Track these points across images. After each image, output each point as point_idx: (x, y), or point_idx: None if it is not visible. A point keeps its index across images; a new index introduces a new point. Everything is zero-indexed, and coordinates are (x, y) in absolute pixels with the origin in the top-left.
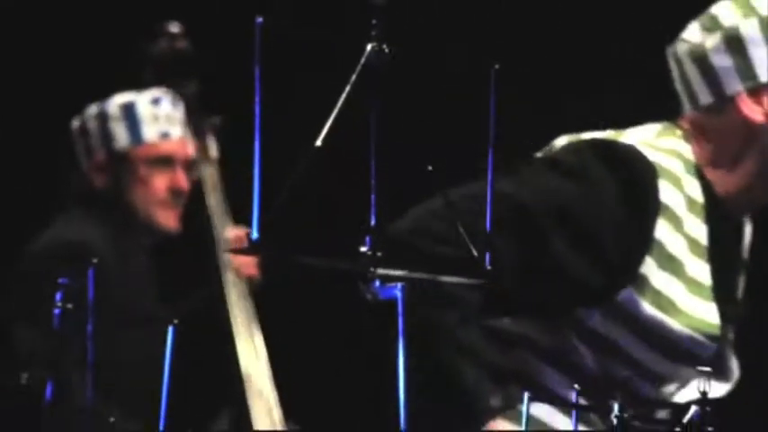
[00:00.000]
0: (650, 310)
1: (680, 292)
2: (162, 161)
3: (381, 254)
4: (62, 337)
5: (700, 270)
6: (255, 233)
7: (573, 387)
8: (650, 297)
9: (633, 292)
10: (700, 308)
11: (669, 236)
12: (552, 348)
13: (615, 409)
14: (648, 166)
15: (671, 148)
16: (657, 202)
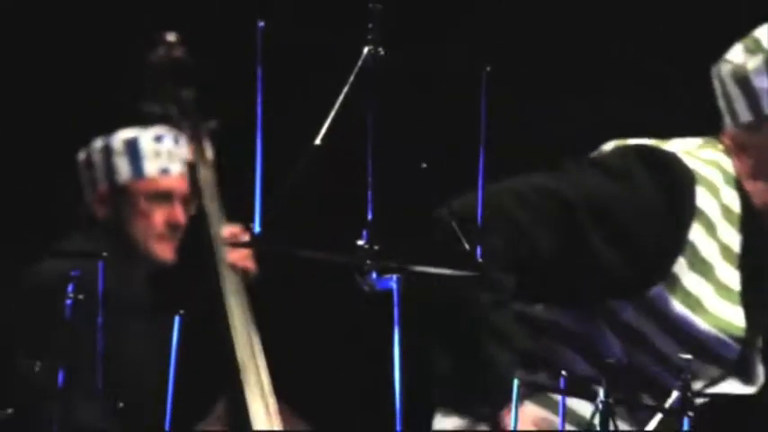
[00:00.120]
0: (679, 307)
1: (708, 293)
2: (161, 196)
3: (377, 247)
4: (73, 328)
5: (730, 275)
6: (258, 227)
7: (598, 375)
8: (680, 296)
9: (664, 289)
10: (727, 310)
11: (702, 240)
12: (582, 337)
13: (600, 394)
14: (687, 173)
15: (711, 159)
16: (693, 207)
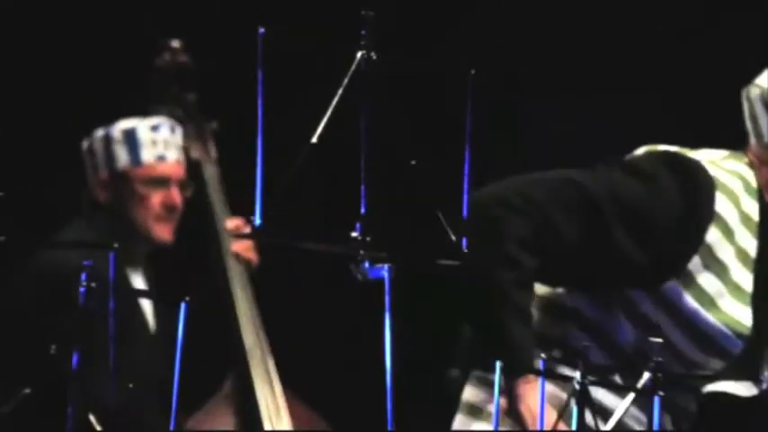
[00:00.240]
0: (691, 302)
1: (721, 292)
2: (158, 181)
3: (370, 239)
4: (87, 314)
5: (743, 277)
6: (258, 220)
7: (609, 359)
8: (693, 292)
9: (678, 284)
10: (736, 309)
11: (719, 242)
12: (598, 324)
13: (577, 375)
14: (708, 180)
15: (734, 170)
16: (711, 212)
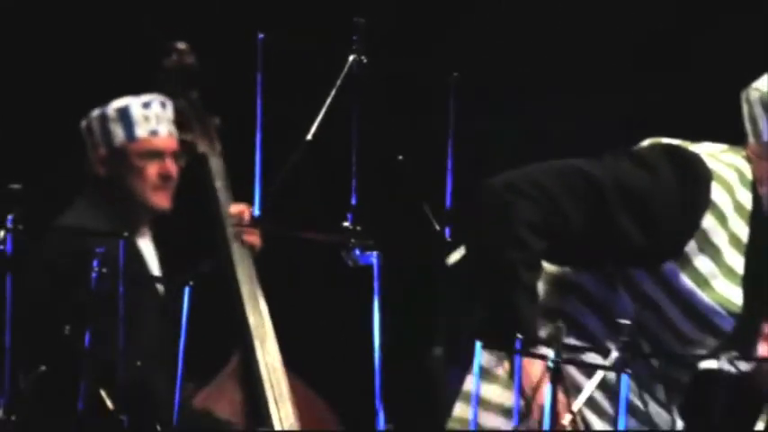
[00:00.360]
0: (687, 282)
1: (714, 272)
2: (152, 154)
3: (360, 227)
4: (99, 297)
5: (735, 261)
6: (257, 211)
7: (609, 333)
8: (689, 272)
9: (676, 265)
10: (728, 290)
11: (713, 228)
12: (601, 299)
13: (551, 354)
14: (705, 171)
15: (732, 163)
16: (707, 200)
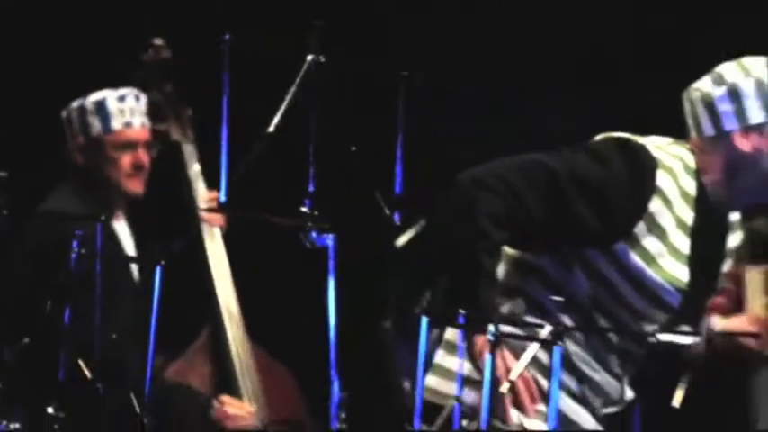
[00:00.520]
0: (637, 260)
1: (661, 252)
2: (126, 145)
3: (317, 212)
4: (78, 275)
5: (681, 241)
6: (223, 196)
7: (566, 312)
8: (638, 251)
9: (626, 245)
10: (674, 267)
11: (659, 211)
12: (558, 279)
13: (491, 329)
14: (652, 160)
15: (677, 154)
16: (653, 186)
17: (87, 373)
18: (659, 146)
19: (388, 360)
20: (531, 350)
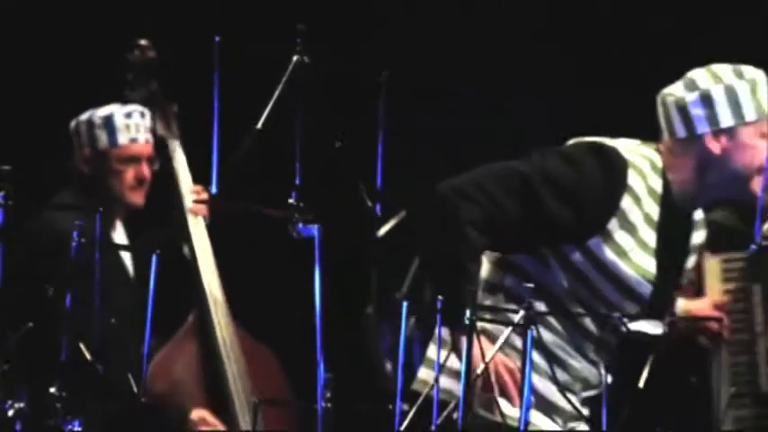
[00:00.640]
0: (610, 254)
1: (632, 246)
2: (131, 159)
3: (303, 204)
4: (78, 264)
5: (649, 236)
6: (215, 188)
7: (544, 303)
8: (611, 246)
9: (600, 240)
10: (644, 260)
11: (630, 208)
12: (537, 275)
13: (467, 313)
14: (622, 161)
15: (644, 154)
16: (624, 184)
17: (87, 355)
18: (628, 148)
19: (369, 343)
20: (505, 334)
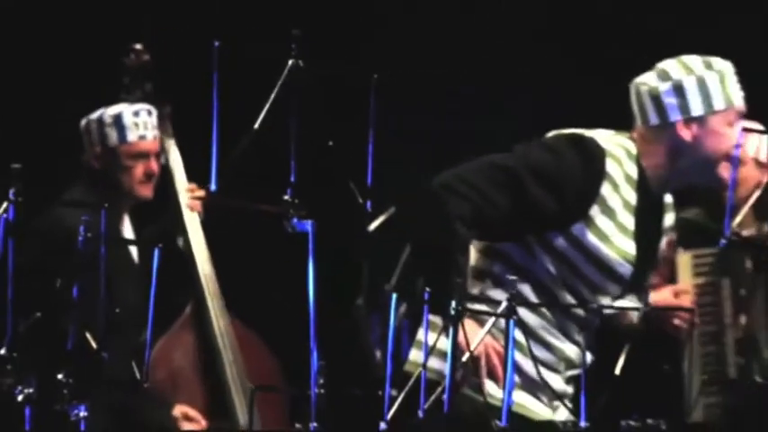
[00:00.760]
0: (593, 238)
1: (613, 230)
2: (140, 155)
3: (297, 200)
4: (86, 257)
5: (627, 219)
6: (213, 186)
7: (533, 292)
8: (593, 230)
9: (583, 225)
10: (624, 243)
11: (609, 194)
12: (523, 261)
13: (453, 303)
14: (601, 150)
15: (620, 143)
16: (603, 172)
17: (93, 344)
18: (605, 138)
19: (360, 332)
20: (491, 321)
